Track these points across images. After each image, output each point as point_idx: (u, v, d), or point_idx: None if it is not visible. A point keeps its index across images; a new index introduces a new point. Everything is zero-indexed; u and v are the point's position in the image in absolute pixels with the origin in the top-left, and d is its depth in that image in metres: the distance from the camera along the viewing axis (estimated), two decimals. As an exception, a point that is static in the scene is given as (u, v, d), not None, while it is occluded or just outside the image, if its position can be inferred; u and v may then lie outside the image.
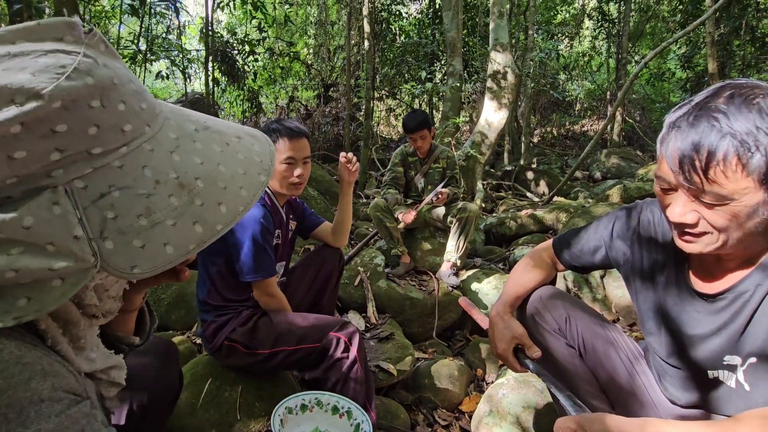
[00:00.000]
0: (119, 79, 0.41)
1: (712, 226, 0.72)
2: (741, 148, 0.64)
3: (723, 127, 0.65)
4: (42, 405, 0.37)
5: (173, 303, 2.14)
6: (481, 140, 4.73)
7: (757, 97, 0.66)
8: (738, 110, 0.66)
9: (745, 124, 0.65)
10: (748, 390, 0.82)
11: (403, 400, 1.80)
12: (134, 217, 0.39)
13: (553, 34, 9.91)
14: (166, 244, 0.39)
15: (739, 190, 0.66)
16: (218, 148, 0.46)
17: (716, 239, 0.73)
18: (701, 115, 0.68)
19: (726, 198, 0.67)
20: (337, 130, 8.93)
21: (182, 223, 0.40)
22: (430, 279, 2.73)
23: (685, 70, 10.26)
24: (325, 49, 10.47)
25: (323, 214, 3.60)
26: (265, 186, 0.46)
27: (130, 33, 6.88)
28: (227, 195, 0.43)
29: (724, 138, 0.65)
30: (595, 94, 12.78)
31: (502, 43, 4.72)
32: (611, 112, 6.20)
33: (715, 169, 0.66)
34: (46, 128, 0.36)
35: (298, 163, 1.49)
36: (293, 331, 1.37)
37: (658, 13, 11.75)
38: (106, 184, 0.39)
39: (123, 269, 0.38)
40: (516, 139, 9.49)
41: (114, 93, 0.40)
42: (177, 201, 0.40)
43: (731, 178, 0.66)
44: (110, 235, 0.38)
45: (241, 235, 1.38)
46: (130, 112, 0.41)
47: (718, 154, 0.65)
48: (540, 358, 1.15)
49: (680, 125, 0.70)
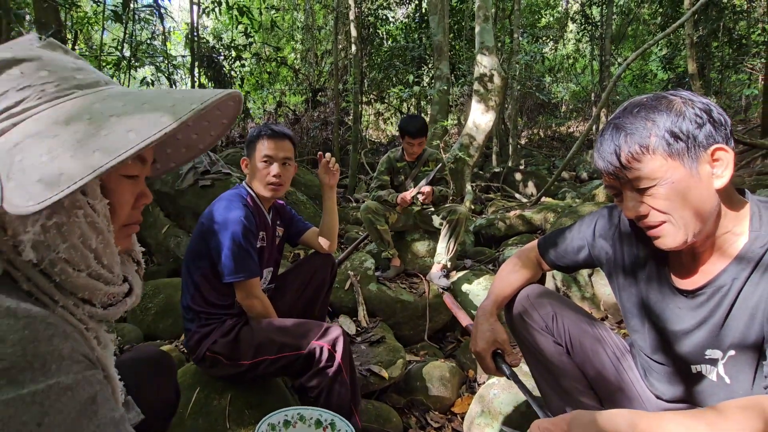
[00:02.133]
0: (47, 57, 0.50)
1: (660, 212, 0.81)
2: (639, 138, 0.79)
3: (622, 128, 0.81)
4: (62, 362, 0.41)
5: (160, 312, 2.11)
6: (469, 142, 4.77)
7: (641, 104, 0.82)
8: (630, 115, 0.82)
9: (637, 122, 0.80)
10: (729, 383, 0.84)
11: (395, 404, 1.79)
12: (37, 155, 0.43)
13: (538, 38, 10.06)
14: (60, 174, 0.42)
15: (657, 168, 0.78)
16: (159, 92, 0.51)
17: (677, 227, 0.81)
18: (606, 128, 0.85)
19: (651, 178, 0.79)
20: (326, 135, 8.91)
21: (82, 152, 0.43)
22: (420, 281, 2.74)
23: (666, 71, 10.49)
24: (312, 53, 10.46)
25: (312, 220, 3.58)
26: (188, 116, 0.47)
27: (113, 39, 6.80)
28: (141, 122, 0.45)
29: (626, 136, 0.80)
30: (580, 96, 12.99)
31: (488, 47, 4.77)
32: (596, 113, 6.30)
33: (627, 159, 0.80)
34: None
35: (274, 162, 1.48)
36: (273, 339, 1.35)
37: (640, 16, 12.01)
38: (22, 134, 0.45)
39: (19, 204, 0.41)
40: (504, 141, 9.58)
41: (34, 64, 0.48)
42: (81, 135, 0.44)
43: (643, 161, 0.79)
44: (14, 176, 0.42)
45: (222, 236, 1.37)
46: (55, 78, 0.49)
47: (624, 148, 0.80)
48: (528, 356, 1.16)
49: (597, 143, 0.87)
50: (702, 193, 0.78)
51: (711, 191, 0.78)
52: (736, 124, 9.27)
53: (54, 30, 3.39)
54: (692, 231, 0.80)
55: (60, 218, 0.47)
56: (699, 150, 0.77)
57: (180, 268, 2.62)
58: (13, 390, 0.37)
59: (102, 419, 0.42)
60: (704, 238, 0.83)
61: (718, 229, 0.82)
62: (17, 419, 0.36)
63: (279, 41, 10.42)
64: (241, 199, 1.46)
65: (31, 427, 0.37)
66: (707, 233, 0.82)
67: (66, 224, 0.48)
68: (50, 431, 0.38)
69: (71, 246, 0.48)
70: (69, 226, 0.48)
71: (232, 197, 1.46)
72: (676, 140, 0.77)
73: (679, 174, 0.78)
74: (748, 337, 0.80)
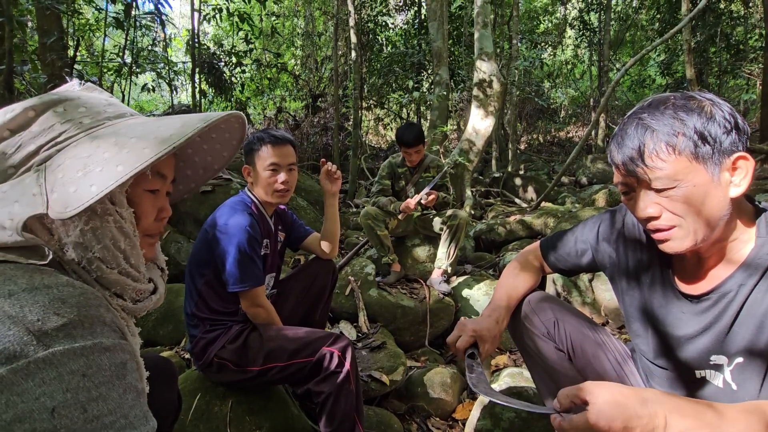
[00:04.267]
0: (84, 96, 0.62)
1: (674, 215, 0.79)
2: (666, 136, 0.76)
3: (648, 125, 0.78)
4: (105, 327, 0.49)
5: (161, 318, 2.10)
6: (468, 148, 4.78)
7: (668, 101, 0.79)
8: (657, 111, 0.79)
9: (665, 119, 0.77)
10: (735, 389, 0.84)
11: (396, 410, 1.78)
12: (74, 172, 0.53)
13: (537, 43, 10.12)
14: (91, 185, 0.51)
15: (680, 170, 0.76)
16: (173, 119, 0.60)
17: (686, 232, 0.79)
18: (629, 122, 0.81)
19: (672, 179, 0.76)
20: (326, 140, 8.94)
21: (107, 167, 0.53)
22: (421, 287, 2.73)
23: (664, 76, 10.54)
24: (312, 59, 10.51)
25: (313, 225, 3.58)
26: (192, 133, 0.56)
27: (115, 46, 6.84)
28: (154, 142, 0.54)
29: (652, 132, 0.77)
30: (578, 101, 13.04)
31: (487, 53, 4.80)
32: (595, 118, 6.32)
33: (651, 157, 0.77)
34: (23, 130, 0.57)
35: (282, 170, 1.48)
36: (284, 347, 1.34)
37: (637, 21, 12.09)
38: (64, 157, 0.56)
39: (60, 211, 0.51)
40: (503, 146, 9.60)
41: (74, 102, 0.60)
42: (109, 154, 0.54)
43: (667, 161, 0.76)
44: (56, 189, 0.53)
45: (227, 244, 1.36)
46: (89, 112, 0.60)
47: (649, 145, 0.77)
48: (529, 361, 1.15)
49: (616, 137, 0.83)
50: (718, 201, 0.77)
51: (726, 199, 0.77)
52: (735, 129, 9.30)
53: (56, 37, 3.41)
54: (701, 237, 0.79)
55: (95, 223, 0.57)
56: (723, 156, 0.76)
57: (181, 274, 2.62)
58: (68, 342, 0.45)
59: (128, 384, 0.49)
60: (711, 244, 0.82)
61: (726, 236, 0.81)
62: (69, 367, 0.44)
63: (279, 47, 10.46)
64: (245, 206, 1.45)
65: (78, 376, 0.44)
66: (714, 239, 0.81)
67: (99, 228, 0.58)
68: (92, 382, 0.45)
69: (104, 247, 0.58)
70: (102, 230, 0.58)
71: (236, 204, 1.45)
72: (704, 143, 0.75)
73: (700, 178, 0.76)
74: (757, 345, 0.79)
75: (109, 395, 0.46)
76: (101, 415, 0.44)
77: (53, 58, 3.12)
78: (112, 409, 0.45)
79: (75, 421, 0.42)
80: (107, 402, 0.45)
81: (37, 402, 0.41)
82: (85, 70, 5.41)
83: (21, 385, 0.41)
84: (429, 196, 2.70)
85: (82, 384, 0.44)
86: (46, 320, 0.44)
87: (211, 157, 0.81)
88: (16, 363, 0.41)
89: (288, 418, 1.47)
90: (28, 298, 0.45)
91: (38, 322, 0.44)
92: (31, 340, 0.43)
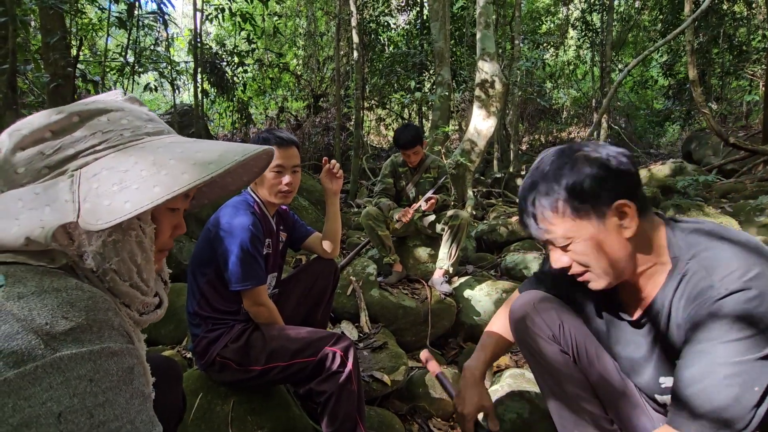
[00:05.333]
0: (127, 108, 0.62)
1: (581, 264, 0.88)
2: (549, 203, 0.86)
3: (535, 196, 0.88)
4: (113, 331, 0.49)
5: (162, 317, 2.10)
6: (470, 148, 4.78)
7: (549, 165, 0.88)
8: (541, 178, 0.88)
9: (545, 186, 0.86)
10: None
11: (397, 410, 1.78)
12: (110, 185, 0.53)
13: (539, 44, 10.10)
14: (126, 202, 0.51)
15: (569, 229, 0.85)
16: (210, 144, 0.61)
17: (598, 275, 0.88)
18: (524, 192, 0.92)
19: (565, 237, 0.86)
20: (328, 140, 8.94)
21: (144, 186, 0.52)
22: (422, 287, 2.73)
23: (667, 77, 10.52)
24: (314, 59, 10.52)
25: (314, 225, 3.59)
26: (230, 165, 0.56)
27: (117, 45, 6.85)
28: (193, 167, 0.54)
29: (539, 201, 0.87)
30: (580, 102, 13.02)
31: (489, 53, 4.80)
32: (597, 119, 6.32)
33: (543, 222, 0.87)
34: (66, 134, 0.57)
35: (286, 172, 1.49)
36: (287, 347, 1.34)
37: (640, 22, 12.06)
38: (100, 167, 0.55)
39: (91, 222, 0.50)
40: (505, 146, 9.59)
41: (117, 114, 0.60)
42: (146, 173, 0.54)
43: (555, 224, 0.86)
44: (89, 199, 0.52)
45: (229, 243, 1.36)
46: (130, 126, 0.60)
47: (539, 214, 0.88)
48: (532, 361, 1.16)
49: (519, 205, 0.96)
50: (615, 244, 0.84)
51: (622, 241, 0.84)
52: (737, 131, 9.29)
53: (59, 36, 3.41)
54: (614, 275, 0.87)
55: (117, 236, 0.58)
56: (603, 207, 0.83)
57: (182, 273, 2.63)
58: (76, 346, 0.45)
59: (135, 390, 0.49)
60: (633, 274, 0.89)
61: (643, 264, 0.87)
62: (76, 372, 0.44)
63: (281, 47, 10.47)
64: (248, 206, 1.46)
65: (86, 381, 0.44)
66: (632, 272, 0.88)
67: (121, 242, 0.59)
68: (99, 387, 0.45)
69: (121, 260, 0.59)
70: (123, 243, 0.59)
71: (239, 204, 1.46)
72: (581, 202, 0.83)
73: (588, 231, 0.84)
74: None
75: (116, 400, 0.46)
76: (107, 421, 0.44)
77: (56, 58, 3.12)
78: (118, 414, 0.45)
79: (81, 427, 0.42)
80: (114, 407, 0.45)
81: (44, 407, 0.41)
82: (88, 69, 5.42)
83: (28, 390, 0.41)
84: (428, 202, 2.70)
85: (89, 389, 0.44)
86: (55, 324, 0.44)
87: (231, 178, 0.83)
88: (23, 367, 0.41)
89: (290, 417, 1.47)
90: (36, 301, 0.45)
91: (46, 325, 0.44)
92: (39, 343, 0.43)
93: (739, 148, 6.51)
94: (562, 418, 1.13)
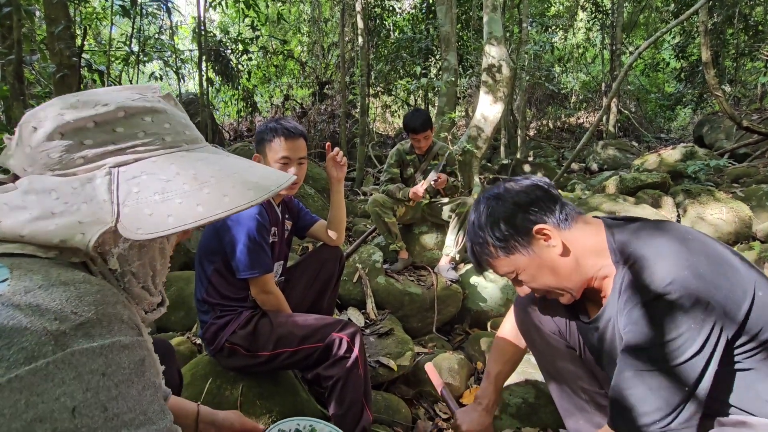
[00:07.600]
0: (170, 111, 0.61)
1: (536, 288, 0.97)
2: (482, 250, 0.96)
3: (472, 248, 0.99)
4: (122, 324, 0.49)
5: (173, 304, 2.14)
6: (477, 134, 4.73)
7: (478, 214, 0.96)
8: (473, 229, 0.98)
9: (478, 237, 0.96)
10: None
11: (403, 395, 1.81)
12: (151, 193, 0.52)
13: (547, 27, 9.87)
14: (169, 216, 0.51)
15: (507, 265, 0.95)
16: (243, 164, 0.61)
17: (558, 292, 0.95)
18: (468, 248, 1.02)
19: (510, 272, 0.96)
20: (333, 128, 8.90)
21: (188, 202, 0.52)
22: (428, 274, 2.74)
23: (679, 59, 10.27)
24: (319, 46, 10.41)
25: (320, 213, 3.59)
26: (268, 196, 0.57)
27: (122, 34, 6.83)
28: (233, 191, 0.55)
29: (477, 251, 0.98)
30: (590, 86, 12.78)
31: (496, 37, 4.71)
32: (606, 104, 6.21)
33: (488, 266, 0.99)
34: (109, 127, 0.55)
35: (293, 163, 1.49)
36: (294, 333, 1.37)
37: (652, 3, 11.73)
38: (140, 170, 0.54)
39: (130, 229, 0.50)
40: (512, 132, 9.48)
41: (162, 116, 0.59)
42: (188, 187, 0.53)
43: (496, 265, 0.97)
44: (129, 203, 0.52)
45: (236, 232, 1.38)
46: (172, 131, 0.59)
47: (481, 261, 0.99)
48: (537, 356, 1.19)
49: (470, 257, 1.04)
50: (553, 263, 0.91)
51: (557, 258, 0.90)
52: (751, 113, 9.07)
53: (63, 26, 3.41)
54: (571, 288, 0.93)
55: (144, 242, 0.58)
56: (524, 237, 0.91)
57: (190, 261, 2.66)
58: (86, 341, 0.44)
59: (147, 381, 0.49)
60: (590, 284, 0.93)
61: (593, 269, 0.91)
62: (88, 367, 0.44)
63: (285, 34, 10.37)
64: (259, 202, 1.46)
65: (98, 376, 0.44)
66: (585, 282, 0.92)
67: (146, 247, 0.60)
68: (111, 381, 0.45)
69: (142, 264, 0.60)
70: (147, 249, 0.60)
71: None
72: (505, 242, 0.92)
73: (523, 261, 0.92)
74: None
75: (129, 393, 0.46)
76: (121, 413, 0.45)
77: (61, 48, 3.12)
78: (131, 406, 0.46)
79: (96, 420, 0.43)
80: (127, 400, 0.46)
81: (58, 402, 0.41)
82: (93, 59, 5.42)
83: (41, 386, 0.41)
84: (438, 179, 2.68)
85: (102, 383, 0.44)
86: (64, 319, 0.44)
87: None
88: (34, 363, 0.41)
89: (297, 402, 1.50)
90: (44, 296, 0.45)
91: (56, 321, 0.44)
92: (48, 339, 0.42)
93: (753, 131, 6.37)
94: (566, 409, 1.15)
